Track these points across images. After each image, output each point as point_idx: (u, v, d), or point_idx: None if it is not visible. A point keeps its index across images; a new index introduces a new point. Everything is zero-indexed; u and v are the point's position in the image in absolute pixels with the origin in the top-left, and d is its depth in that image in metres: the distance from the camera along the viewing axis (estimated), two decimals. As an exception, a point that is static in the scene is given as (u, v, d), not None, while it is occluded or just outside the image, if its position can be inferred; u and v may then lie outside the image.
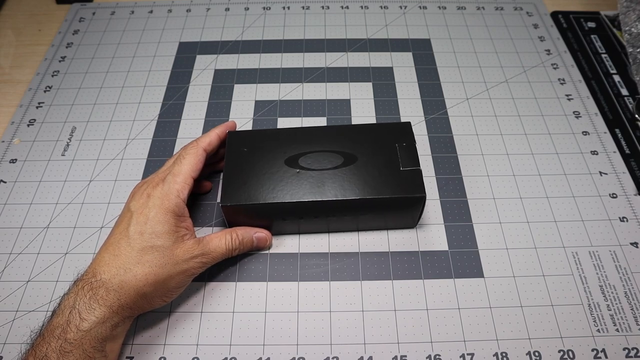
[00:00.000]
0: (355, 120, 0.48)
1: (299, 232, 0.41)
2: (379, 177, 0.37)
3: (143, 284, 0.31)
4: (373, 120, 0.48)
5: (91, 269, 0.32)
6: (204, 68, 0.53)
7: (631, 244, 0.40)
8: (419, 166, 0.37)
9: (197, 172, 0.36)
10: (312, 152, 0.38)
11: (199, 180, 0.41)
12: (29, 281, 0.39)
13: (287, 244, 0.40)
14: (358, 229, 0.41)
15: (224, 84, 0.52)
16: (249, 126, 0.48)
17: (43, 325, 0.31)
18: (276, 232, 0.40)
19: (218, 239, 0.36)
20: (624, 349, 0.35)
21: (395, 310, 0.37)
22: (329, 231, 0.41)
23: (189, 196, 0.35)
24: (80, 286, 0.31)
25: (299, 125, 0.48)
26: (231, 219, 0.38)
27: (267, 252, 0.40)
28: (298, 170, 0.38)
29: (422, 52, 0.55)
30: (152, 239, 0.32)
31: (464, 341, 0.35)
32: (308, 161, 0.38)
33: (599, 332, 0.36)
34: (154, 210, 0.33)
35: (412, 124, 0.41)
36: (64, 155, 0.46)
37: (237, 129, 0.41)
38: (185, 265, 0.33)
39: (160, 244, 0.33)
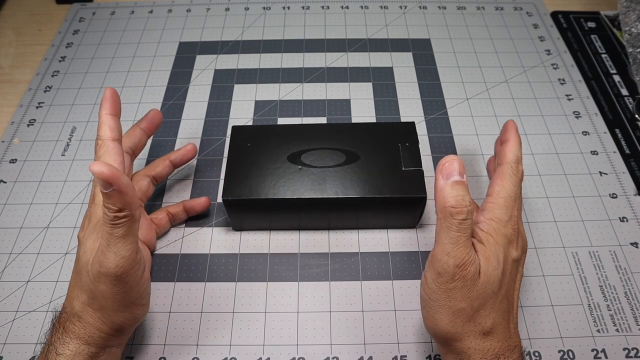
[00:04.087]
0: (355, 120, 0.48)
1: (299, 228, 0.41)
2: (381, 177, 0.37)
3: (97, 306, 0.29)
4: (373, 120, 0.48)
5: (65, 303, 0.31)
6: (204, 68, 0.53)
7: (631, 244, 0.40)
8: (421, 167, 0.37)
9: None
10: (314, 150, 0.38)
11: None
12: (29, 281, 0.39)
13: (287, 244, 0.40)
14: (358, 227, 0.41)
15: (224, 84, 0.52)
16: (249, 126, 0.48)
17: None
18: (277, 228, 0.41)
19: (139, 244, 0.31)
20: (624, 349, 0.35)
21: (395, 310, 0.37)
22: (329, 228, 0.41)
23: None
24: (58, 321, 0.30)
25: (299, 125, 0.48)
26: (232, 213, 0.38)
27: (267, 252, 0.40)
28: (300, 166, 0.38)
29: (422, 52, 0.55)
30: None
31: (464, 341, 0.35)
32: (310, 158, 0.38)
33: (599, 332, 0.36)
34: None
35: (412, 124, 0.41)
36: (64, 155, 0.46)
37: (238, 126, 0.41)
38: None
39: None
